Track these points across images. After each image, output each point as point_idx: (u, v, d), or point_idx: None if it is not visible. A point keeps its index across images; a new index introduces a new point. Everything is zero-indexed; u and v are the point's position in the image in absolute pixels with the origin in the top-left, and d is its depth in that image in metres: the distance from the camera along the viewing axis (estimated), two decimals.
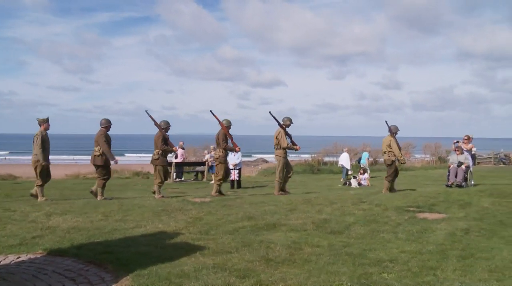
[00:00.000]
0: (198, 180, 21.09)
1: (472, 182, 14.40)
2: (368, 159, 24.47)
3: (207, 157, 20.92)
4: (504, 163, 36.82)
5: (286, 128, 11.42)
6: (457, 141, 15.33)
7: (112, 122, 11.09)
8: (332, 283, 4.38)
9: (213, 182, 19.54)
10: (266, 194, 12.04)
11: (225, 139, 11.29)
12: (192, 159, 26.43)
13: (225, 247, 5.82)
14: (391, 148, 11.76)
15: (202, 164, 21.31)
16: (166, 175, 11.44)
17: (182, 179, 21.52)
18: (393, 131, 11.96)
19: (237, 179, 17.26)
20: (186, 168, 22.62)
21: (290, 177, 11.81)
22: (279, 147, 11.31)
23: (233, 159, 17.08)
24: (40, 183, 10.40)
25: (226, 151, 11.38)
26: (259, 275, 4.65)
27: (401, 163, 11.95)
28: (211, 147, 22.08)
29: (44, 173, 10.44)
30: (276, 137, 11.30)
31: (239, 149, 12.01)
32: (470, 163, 14.33)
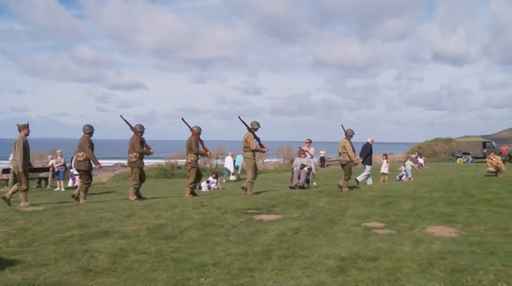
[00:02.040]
0: (41, 187, 19.57)
1: (314, 183, 15.17)
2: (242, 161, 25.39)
3: (51, 162, 19.57)
4: None
5: (255, 132, 11.86)
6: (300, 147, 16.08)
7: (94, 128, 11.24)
8: None
9: (58, 188, 18.39)
10: (110, 200, 11.53)
11: (197, 145, 11.83)
12: (38, 165, 24.49)
13: (43, 259, 5.36)
14: (345, 149, 12.41)
15: (46, 169, 19.82)
16: (143, 177, 11.69)
17: None
18: (348, 134, 12.71)
19: None
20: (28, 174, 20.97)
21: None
22: (248, 149, 11.73)
23: None
24: (25, 188, 10.47)
25: (198, 155, 11.93)
26: None
27: (355, 164, 12.83)
28: (58, 151, 20.70)
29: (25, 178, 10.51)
30: (246, 140, 11.77)
31: (210, 153, 12.77)
32: (312, 165, 15.07)
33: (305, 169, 14.09)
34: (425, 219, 8.30)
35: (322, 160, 39.00)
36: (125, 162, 37.27)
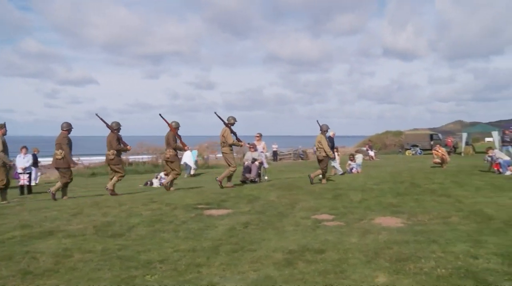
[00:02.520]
0: None
1: (266, 177, 15.21)
2: (197, 156, 25.51)
3: None
4: (302, 158, 40.02)
5: (231, 126, 12.10)
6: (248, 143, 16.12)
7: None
8: None
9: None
10: (57, 199, 11.19)
11: (175, 140, 12.03)
12: None
13: None
14: (321, 145, 12.59)
15: None
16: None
17: None
18: (323, 129, 12.89)
19: (27, 184, 15.83)
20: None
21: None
22: (225, 144, 11.98)
23: (21, 162, 15.65)
24: None
25: (176, 150, 12.16)
26: None
27: (330, 158, 13.01)
28: None
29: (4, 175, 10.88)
30: (223, 135, 12.03)
31: (188, 148, 13.18)
32: (263, 159, 15.10)
33: (256, 163, 14.10)
34: (373, 210, 8.46)
35: (275, 153, 39.28)
36: (76, 158, 36.61)
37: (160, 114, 12.09)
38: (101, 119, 11.52)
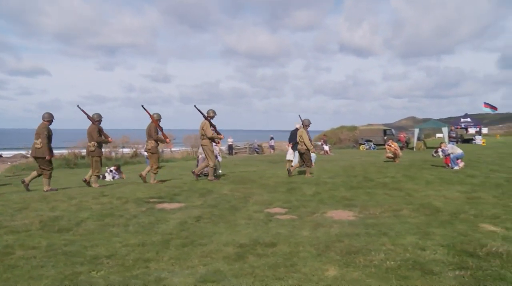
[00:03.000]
0: None
1: (220, 171, 15.11)
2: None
3: None
4: (257, 152, 40.12)
5: (211, 120, 11.93)
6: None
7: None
8: None
9: None
10: (2, 193, 10.77)
11: (156, 132, 11.91)
12: None
13: None
14: (303, 138, 12.70)
15: None
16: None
17: None
18: (305, 124, 13.02)
19: None
20: None
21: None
22: (205, 137, 11.84)
23: None
24: None
25: (157, 142, 11.97)
26: None
27: (311, 152, 13.05)
28: None
29: None
30: (202, 129, 11.86)
31: (169, 140, 12.99)
32: (217, 153, 14.99)
33: None
34: (326, 204, 8.51)
35: (230, 147, 39.22)
36: (25, 152, 35.62)
37: (142, 106, 11.94)
38: (82, 111, 11.26)
